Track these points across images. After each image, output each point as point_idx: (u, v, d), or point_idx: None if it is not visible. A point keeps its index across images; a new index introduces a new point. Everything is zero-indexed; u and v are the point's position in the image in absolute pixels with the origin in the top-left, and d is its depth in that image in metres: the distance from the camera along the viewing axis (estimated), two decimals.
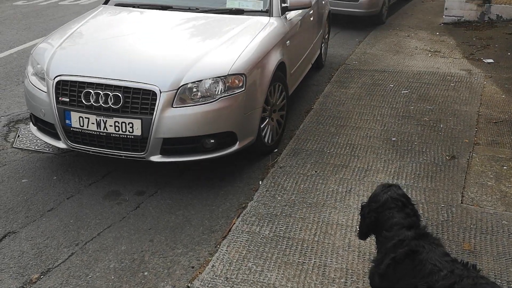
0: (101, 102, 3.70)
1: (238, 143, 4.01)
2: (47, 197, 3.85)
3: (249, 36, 4.35)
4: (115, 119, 3.69)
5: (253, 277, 2.96)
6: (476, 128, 4.99)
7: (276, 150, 4.58)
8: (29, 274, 3.07)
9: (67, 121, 3.81)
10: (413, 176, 4.07)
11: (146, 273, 3.08)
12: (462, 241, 3.29)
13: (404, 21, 10.00)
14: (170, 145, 3.79)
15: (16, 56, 7.10)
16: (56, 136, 4.01)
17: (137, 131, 3.69)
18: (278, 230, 3.39)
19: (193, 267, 3.13)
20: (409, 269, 2.12)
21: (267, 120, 4.40)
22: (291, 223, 3.46)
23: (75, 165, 4.31)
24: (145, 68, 3.86)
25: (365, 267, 3.02)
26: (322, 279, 2.95)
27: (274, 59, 4.42)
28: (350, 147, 4.56)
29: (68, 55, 4.20)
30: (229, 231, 3.40)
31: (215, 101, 3.79)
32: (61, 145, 4.01)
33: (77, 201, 3.80)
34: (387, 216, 2.35)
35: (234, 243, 3.26)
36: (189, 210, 3.72)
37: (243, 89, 3.92)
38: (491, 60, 7.30)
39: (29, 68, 4.29)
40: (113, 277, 3.05)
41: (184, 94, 3.75)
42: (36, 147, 4.60)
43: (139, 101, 3.68)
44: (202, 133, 3.81)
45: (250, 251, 3.18)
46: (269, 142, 4.49)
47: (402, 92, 5.96)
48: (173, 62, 3.95)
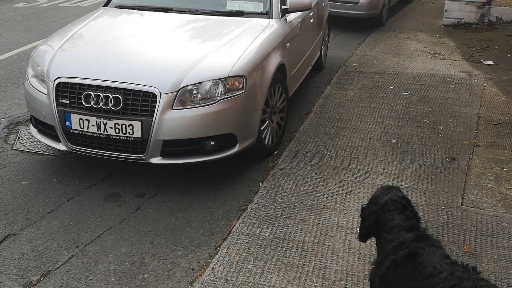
0: (101, 104, 3.71)
1: (238, 145, 4.01)
2: (47, 199, 3.85)
3: (249, 38, 4.36)
4: (115, 121, 3.70)
5: (253, 279, 2.96)
6: (476, 130, 4.99)
7: (276, 152, 4.58)
8: (29, 276, 3.07)
9: (67, 123, 3.81)
10: (413, 178, 4.07)
11: (146, 275, 3.08)
12: (462, 243, 3.29)
13: (404, 23, 10.01)
14: (170, 147, 3.79)
15: (16, 58, 7.11)
16: (56, 138, 4.02)
17: (137, 133, 3.69)
18: (278, 232, 3.39)
19: (193, 269, 3.13)
20: (409, 271, 2.12)
21: (267, 122, 4.40)
22: (291, 225, 3.46)
23: (75, 167, 4.31)
24: (145, 70, 3.87)
25: (365, 269, 3.02)
26: (323, 281, 2.95)
27: (274, 61, 4.42)
28: (350, 149, 4.57)
29: (68, 57, 4.20)
30: (229, 233, 3.40)
31: (215, 103, 3.79)
32: (61, 147, 4.01)
33: (77, 203, 3.80)
34: (387, 218, 2.35)
35: (234, 245, 3.26)
36: (189, 212, 3.72)
37: (243, 91, 3.92)
38: (491, 62, 7.30)
39: (29, 70, 4.29)
40: (113, 279, 3.04)
41: (184, 96, 3.76)
42: (36, 149, 4.60)
43: (139, 103, 3.68)
44: (202, 135, 3.81)
45: (250, 253, 3.18)
46: (269, 144, 4.49)
47: (402, 94, 5.96)
48: (173, 64, 3.95)
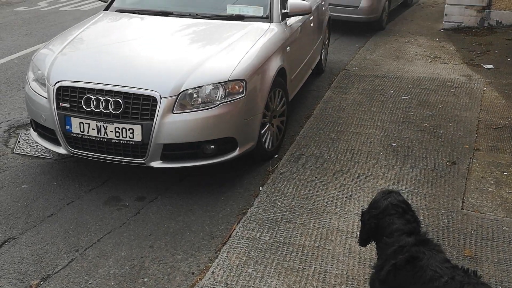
0: (101, 107, 3.71)
1: (238, 148, 4.01)
2: (47, 203, 3.85)
3: (250, 42, 4.36)
4: (115, 124, 3.70)
5: (253, 283, 2.95)
6: (476, 133, 4.99)
7: (276, 156, 4.58)
8: (28, 280, 3.06)
9: (67, 127, 3.81)
10: (413, 182, 4.07)
11: (146, 279, 3.07)
12: (462, 247, 3.29)
13: (404, 27, 10.02)
14: (171, 150, 3.79)
15: (17, 62, 7.12)
16: (56, 142, 4.02)
17: (138, 137, 3.69)
18: (279, 236, 3.39)
19: (193, 273, 3.13)
20: (409, 275, 2.12)
21: (267, 125, 4.40)
22: (291, 229, 3.46)
23: (75, 171, 4.31)
24: (145, 74, 3.88)
25: (365, 273, 3.02)
26: (323, 285, 2.94)
27: (275, 65, 4.43)
28: (350, 152, 4.57)
29: (69, 61, 4.21)
30: (229, 237, 3.40)
31: (215, 107, 3.79)
32: (61, 150, 4.01)
33: (77, 207, 3.80)
34: (387, 222, 2.34)
35: (235, 249, 3.25)
36: (189, 216, 3.71)
37: (243, 95, 3.92)
38: (491, 66, 7.31)
39: (30, 74, 4.30)
40: (113, 283, 3.04)
41: (185, 100, 3.76)
42: (37, 153, 4.60)
43: (139, 106, 3.69)
44: (202, 139, 3.81)
45: (250, 257, 3.17)
46: (269, 147, 4.49)
47: (402, 98, 5.97)
48: (173, 68, 3.96)
